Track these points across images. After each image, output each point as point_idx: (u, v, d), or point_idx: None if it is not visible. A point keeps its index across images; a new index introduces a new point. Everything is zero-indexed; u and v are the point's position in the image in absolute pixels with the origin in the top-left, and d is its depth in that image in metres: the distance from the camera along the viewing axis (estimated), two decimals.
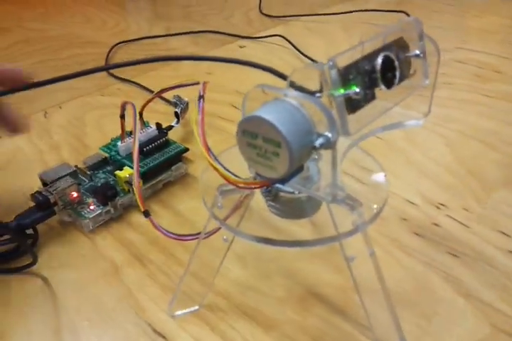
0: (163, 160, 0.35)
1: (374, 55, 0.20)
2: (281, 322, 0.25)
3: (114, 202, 0.32)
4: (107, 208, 0.32)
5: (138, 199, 0.25)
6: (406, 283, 0.27)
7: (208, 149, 0.21)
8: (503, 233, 0.30)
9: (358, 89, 0.19)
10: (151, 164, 0.34)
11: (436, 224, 0.30)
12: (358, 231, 0.20)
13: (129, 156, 0.35)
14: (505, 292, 0.26)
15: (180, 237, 0.25)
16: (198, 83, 0.27)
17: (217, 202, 0.22)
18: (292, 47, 0.56)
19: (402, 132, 0.40)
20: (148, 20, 0.72)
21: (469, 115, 0.42)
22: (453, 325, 0.24)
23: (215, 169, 0.20)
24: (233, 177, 0.20)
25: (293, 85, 0.20)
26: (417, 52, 0.23)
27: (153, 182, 0.35)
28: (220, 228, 0.24)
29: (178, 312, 0.26)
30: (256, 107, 0.19)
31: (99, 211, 0.32)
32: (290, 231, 0.23)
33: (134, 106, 0.29)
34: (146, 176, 0.34)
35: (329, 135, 0.18)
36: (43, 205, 0.31)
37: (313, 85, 0.19)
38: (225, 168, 0.21)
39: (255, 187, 0.21)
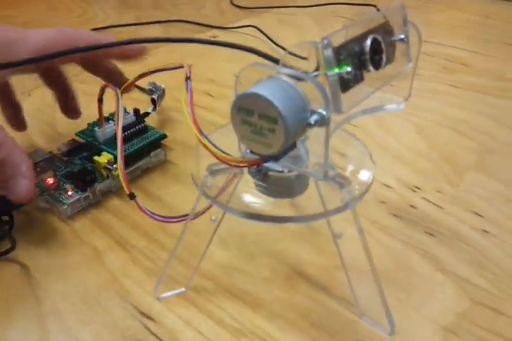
0: (142, 146, 0.35)
1: (363, 37, 0.21)
2: (268, 301, 0.25)
3: (93, 187, 0.32)
4: (86, 194, 0.31)
5: (123, 182, 0.25)
6: (386, 261, 0.28)
7: (199, 128, 0.21)
8: (477, 213, 0.31)
9: (349, 69, 0.19)
10: (131, 150, 0.34)
11: (412, 206, 0.32)
12: (348, 208, 0.21)
13: (108, 142, 0.35)
14: (482, 268, 0.27)
15: (166, 219, 0.25)
16: (182, 67, 0.27)
17: (207, 181, 0.22)
18: (265, 38, 0.56)
19: (376, 120, 0.41)
20: (116, 9, 0.71)
21: (440, 105, 0.43)
22: (433, 299, 0.25)
23: (206, 147, 0.20)
24: (224, 155, 0.20)
25: (284, 65, 0.20)
26: (402, 36, 0.24)
27: (133, 168, 0.34)
28: (207, 209, 0.24)
29: (164, 295, 0.26)
30: (248, 87, 0.19)
31: (78, 197, 0.31)
32: (275, 212, 0.24)
33: (116, 89, 0.29)
34: (125, 162, 0.33)
35: (323, 112, 0.18)
36: None
37: (303, 65, 0.20)
38: (215, 146, 0.21)
39: (247, 165, 0.21)
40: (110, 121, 0.35)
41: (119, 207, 0.32)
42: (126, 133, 0.34)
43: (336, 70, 0.19)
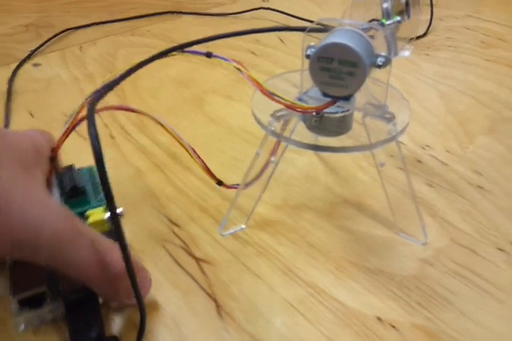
0: None
1: None
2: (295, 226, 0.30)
3: None
4: None
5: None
6: (386, 204, 0.31)
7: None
8: (477, 172, 0.34)
9: (399, 18, 0.23)
10: None
11: (419, 161, 0.35)
12: (395, 139, 0.24)
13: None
14: (469, 216, 0.30)
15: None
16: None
17: (271, 125, 0.25)
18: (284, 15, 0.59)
19: (403, 85, 0.44)
20: None
21: (467, 75, 0.45)
22: (419, 235, 0.29)
23: (275, 96, 0.23)
24: (297, 102, 0.24)
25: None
26: None
27: None
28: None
29: (227, 232, 0.29)
30: (313, 42, 0.22)
31: None
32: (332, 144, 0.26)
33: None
34: None
35: (388, 55, 0.22)
36: None
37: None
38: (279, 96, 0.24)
39: (322, 108, 0.23)
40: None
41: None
42: None
43: (395, 18, 0.23)
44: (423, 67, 0.47)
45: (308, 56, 0.22)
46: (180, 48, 0.24)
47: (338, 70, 0.21)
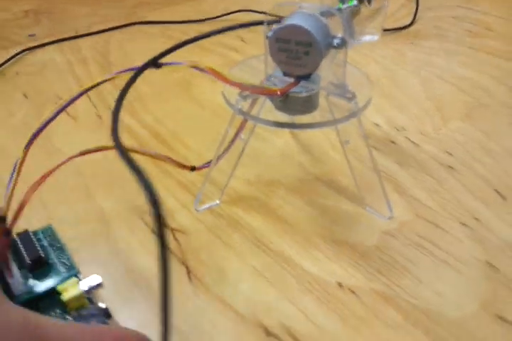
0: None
1: None
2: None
3: None
4: None
5: None
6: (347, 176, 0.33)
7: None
8: (449, 153, 0.35)
9: (356, 2, 0.25)
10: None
11: (392, 142, 0.36)
12: (356, 116, 0.25)
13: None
14: (436, 194, 0.32)
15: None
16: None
17: (238, 104, 0.26)
18: None
19: (386, 71, 0.45)
20: None
21: (451, 63, 0.46)
22: (385, 211, 0.30)
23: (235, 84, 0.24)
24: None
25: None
26: None
27: None
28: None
29: (202, 207, 0.31)
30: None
31: None
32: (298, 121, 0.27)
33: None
34: None
35: (343, 37, 0.23)
36: None
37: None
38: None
39: (286, 89, 0.24)
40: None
41: None
42: None
43: (350, 3, 0.24)
44: (407, 55, 0.48)
45: (267, 37, 0.24)
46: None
47: (295, 50, 0.23)
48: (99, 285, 0.21)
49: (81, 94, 0.21)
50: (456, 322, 0.24)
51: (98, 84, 0.21)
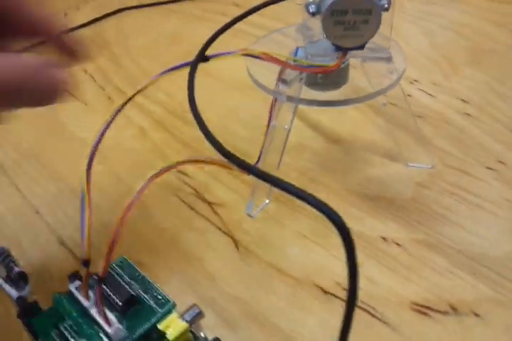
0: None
1: None
2: None
3: None
4: None
5: None
6: (372, 134, 0.33)
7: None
8: (463, 100, 0.36)
9: None
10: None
11: (409, 95, 0.36)
12: (394, 86, 0.25)
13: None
14: (458, 141, 0.32)
15: None
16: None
17: (278, 88, 0.25)
18: None
19: (386, 24, 0.44)
20: None
21: (452, 11, 0.46)
22: (423, 160, 0.31)
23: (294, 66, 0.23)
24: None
25: None
26: None
27: None
28: None
29: (255, 211, 0.29)
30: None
31: None
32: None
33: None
34: None
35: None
36: None
37: None
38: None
39: (341, 61, 0.23)
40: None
41: None
42: None
43: None
44: (406, 5, 0.47)
45: (314, 13, 0.22)
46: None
47: (353, 21, 0.21)
48: (199, 315, 0.19)
49: (123, 105, 0.18)
50: (498, 261, 0.25)
51: (142, 90, 0.19)
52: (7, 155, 0.35)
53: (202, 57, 0.20)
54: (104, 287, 0.19)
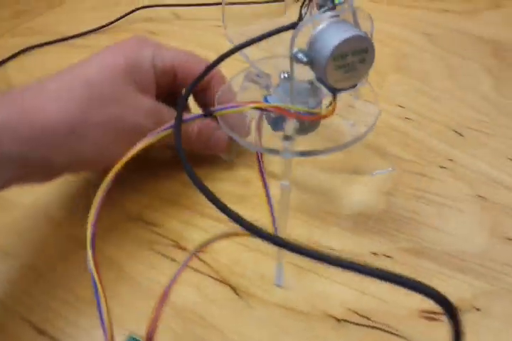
0: None
1: None
2: None
3: None
4: None
5: None
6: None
7: None
8: (399, 106, 0.38)
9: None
10: None
11: (349, 106, 0.38)
12: (363, 137, 0.25)
13: None
14: (407, 146, 0.34)
15: None
16: None
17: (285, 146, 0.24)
18: None
19: None
20: None
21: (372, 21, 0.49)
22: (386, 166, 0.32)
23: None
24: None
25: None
26: None
27: None
28: None
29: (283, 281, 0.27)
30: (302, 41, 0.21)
31: None
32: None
33: None
34: None
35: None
36: None
37: None
38: None
39: (334, 107, 0.22)
40: None
41: None
42: None
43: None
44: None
45: (307, 62, 0.21)
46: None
47: (351, 62, 0.21)
48: None
49: None
50: (476, 255, 0.27)
51: None
52: None
53: (206, 113, 0.19)
54: None
